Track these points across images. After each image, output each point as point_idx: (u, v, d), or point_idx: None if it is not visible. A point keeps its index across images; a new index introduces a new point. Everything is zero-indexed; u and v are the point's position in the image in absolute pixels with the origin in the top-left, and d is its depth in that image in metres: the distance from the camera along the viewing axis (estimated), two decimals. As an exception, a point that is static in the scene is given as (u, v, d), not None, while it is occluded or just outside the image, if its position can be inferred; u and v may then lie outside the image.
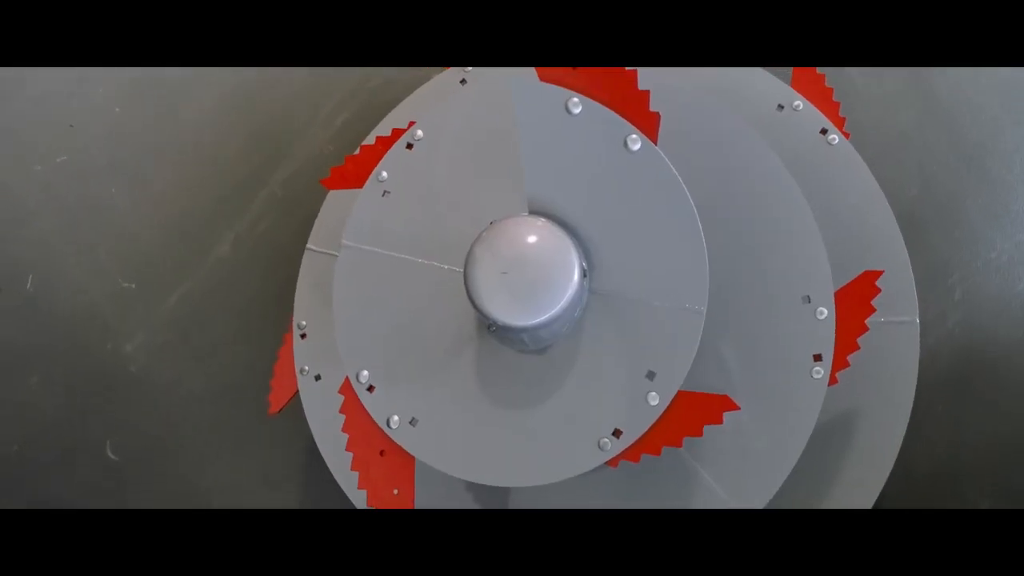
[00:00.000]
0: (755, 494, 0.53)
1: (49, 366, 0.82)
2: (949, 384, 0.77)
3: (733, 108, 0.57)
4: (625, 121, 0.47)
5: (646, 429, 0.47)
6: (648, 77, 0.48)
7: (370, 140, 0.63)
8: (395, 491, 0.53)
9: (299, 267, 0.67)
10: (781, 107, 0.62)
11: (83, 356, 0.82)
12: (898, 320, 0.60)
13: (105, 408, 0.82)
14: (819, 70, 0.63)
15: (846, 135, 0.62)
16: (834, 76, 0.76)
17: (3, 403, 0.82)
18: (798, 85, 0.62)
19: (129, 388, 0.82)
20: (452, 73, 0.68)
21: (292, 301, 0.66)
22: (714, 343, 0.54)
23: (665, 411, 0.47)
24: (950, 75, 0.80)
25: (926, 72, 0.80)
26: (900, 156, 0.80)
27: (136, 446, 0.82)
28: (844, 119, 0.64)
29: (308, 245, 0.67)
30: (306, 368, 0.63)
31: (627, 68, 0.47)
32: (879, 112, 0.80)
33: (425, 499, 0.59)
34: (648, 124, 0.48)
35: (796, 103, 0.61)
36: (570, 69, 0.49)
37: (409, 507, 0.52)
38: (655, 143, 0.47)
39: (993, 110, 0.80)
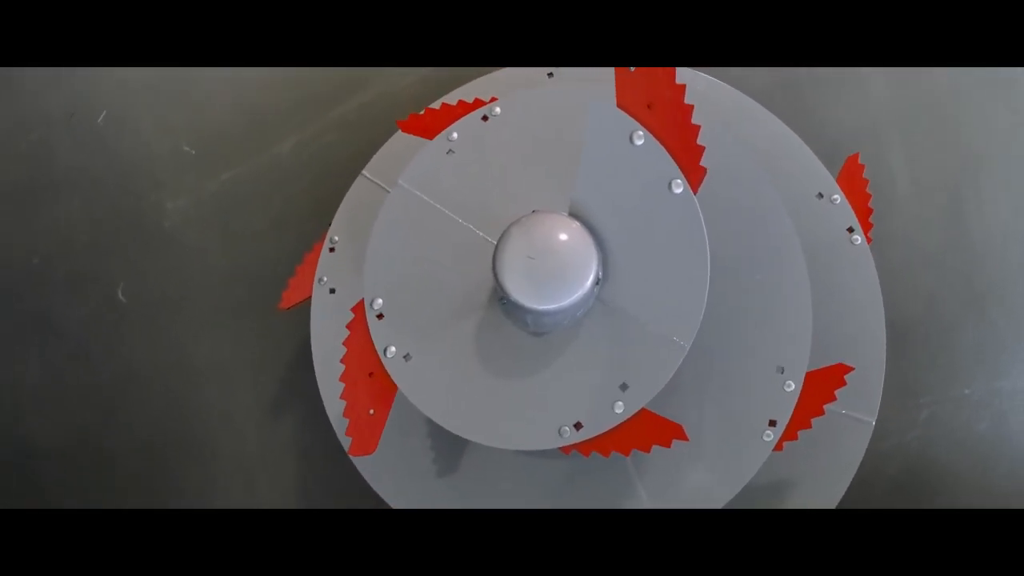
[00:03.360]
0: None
1: (92, 197, 0.87)
2: (890, 491, 0.81)
3: (777, 182, 0.61)
4: (675, 165, 0.52)
5: (604, 431, 0.52)
6: (708, 132, 0.53)
7: (451, 99, 0.68)
8: (371, 411, 0.58)
9: (347, 187, 0.72)
10: (820, 195, 0.67)
11: (126, 198, 0.87)
12: (857, 416, 0.65)
13: (129, 251, 0.87)
14: (864, 174, 0.68)
15: (868, 239, 0.67)
16: (878, 184, 0.81)
17: (40, 216, 0.87)
18: (842, 181, 0.67)
19: (157, 241, 0.87)
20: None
21: (331, 215, 0.71)
22: (691, 379, 0.59)
23: (625, 421, 0.52)
24: (987, 216, 0.84)
25: (966, 207, 0.84)
26: (916, 275, 0.84)
27: (146, 296, 0.86)
28: (872, 224, 0.69)
29: (363, 172, 0.71)
30: (324, 279, 0.68)
31: (694, 123, 0.52)
32: (911, 229, 0.84)
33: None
34: (694, 174, 0.52)
35: (835, 196, 0.66)
36: (645, 100, 0.53)
37: (379, 429, 0.57)
38: (695, 192, 0.52)
39: (1017, 259, 0.84)
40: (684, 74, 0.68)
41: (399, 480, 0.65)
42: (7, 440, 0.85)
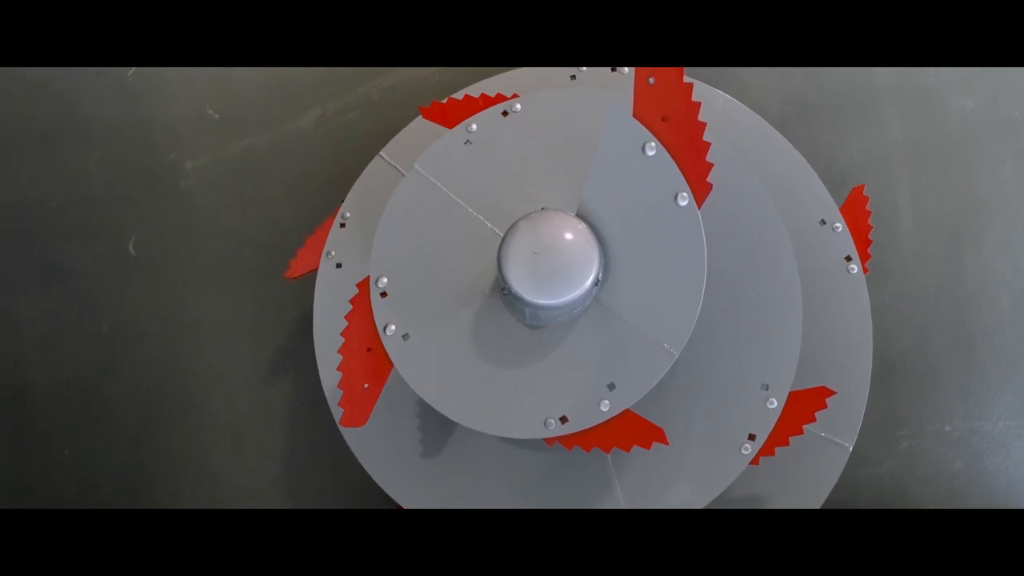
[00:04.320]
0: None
1: (114, 149, 0.88)
2: (860, 519, 0.83)
3: (782, 205, 0.63)
4: (683, 177, 0.54)
5: (588, 427, 0.54)
6: (719, 150, 0.55)
7: (474, 92, 0.69)
8: (365, 385, 0.59)
9: (364, 166, 0.73)
10: (823, 222, 0.68)
11: (146, 154, 0.88)
12: (835, 441, 0.67)
13: (143, 206, 0.88)
14: (868, 207, 0.70)
15: (865, 270, 0.68)
16: (881, 217, 0.82)
17: (62, 163, 0.88)
18: (846, 210, 0.69)
19: (172, 199, 0.88)
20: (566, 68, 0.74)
21: (345, 191, 0.72)
22: (676, 386, 0.61)
23: (609, 420, 0.54)
24: (985, 260, 0.85)
25: (965, 248, 0.86)
26: (910, 310, 0.86)
27: (154, 252, 0.88)
28: (870, 256, 0.70)
29: (381, 153, 0.73)
30: (332, 253, 0.70)
31: (705, 140, 0.53)
32: (909, 264, 0.86)
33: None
34: (700, 189, 0.54)
35: (836, 224, 0.68)
36: (661, 112, 0.55)
37: (372, 403, 0.59)
38: (699, 207, 0.54)
39: (1008, 306, 0.86)
40: (702, 91, 0.70)
41: (384, 456, 0.67)
42: (5, 378, 0.87)
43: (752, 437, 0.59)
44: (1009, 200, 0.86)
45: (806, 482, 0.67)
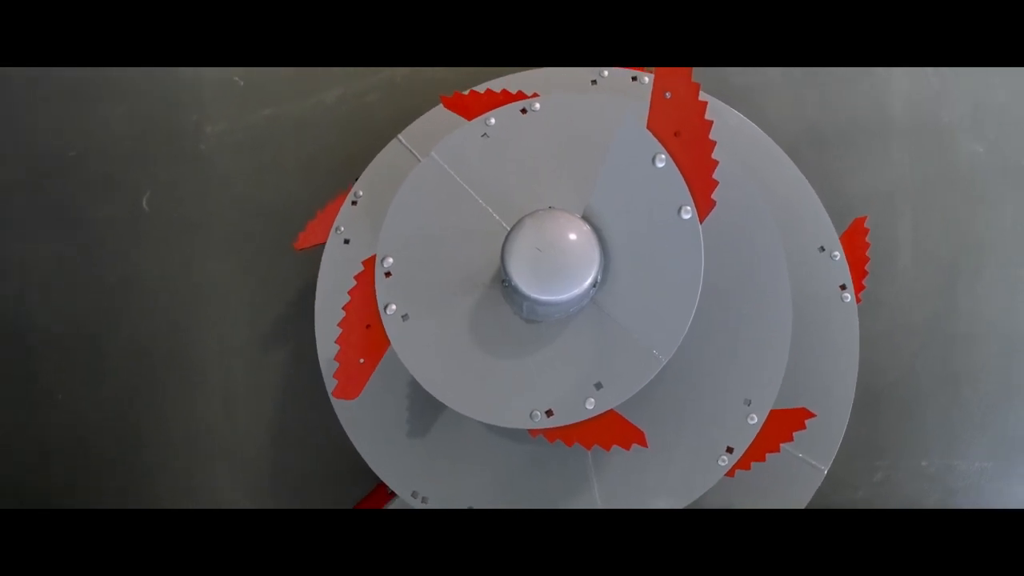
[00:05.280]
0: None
1: (138, 106, 0.90)
2: (830, 543, 0.85)
3: (783, 229, 0.64)
4: (688, 191, 0.55)
5: (572, 422, 0.56)
6: (727, 168, 0.56)
7: (496, 87, 0.70)
8: (361, 360, 0.61)
9: (380, 146, 0.74)
10: (822, 249, 0.69)
11: (168, 115, 0.90)
12: (811, 462, 0.68)
13: (161, 165, 0.89)
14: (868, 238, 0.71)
15: (858, 299, 0.70)
16: (881, 249, 0.84)
17: (85, 113, 0.89)
18: (846, 240, 0.70)
19: (190, 161, 0.89)
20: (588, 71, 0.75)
21: (360, 169, 0.73)
22: (661, 392, 0.62)
23: (593, 418, 0.55)
24: (979, 300, 0.87)
25: (960, 288, 0.87)
26: (900, 343, 0.87)
27: (167, 211, 0.89)
28: (864, 286, 0.72)
29: (399, 136, 0.74)
30: (341, 228, 0.71)
31: (714, 158, 0.55)
32: (903, 298, 0.87)
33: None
34: (704, 205, 0.56)
35: (835, 252, 0.69)
36: (675, 127, 0.56)
37: (365, 377, 0.60)
38: (701, 221, 0.55)
39: (996, 349, 0.87)
40: (717, 108, 0.71)
41: (373, 433, 0.68)
42: (6, 318, 0.88)
43: (730, 450, 0.61)
44: (1007, 245, 0.87)
45: (780, 499, 0.69)
